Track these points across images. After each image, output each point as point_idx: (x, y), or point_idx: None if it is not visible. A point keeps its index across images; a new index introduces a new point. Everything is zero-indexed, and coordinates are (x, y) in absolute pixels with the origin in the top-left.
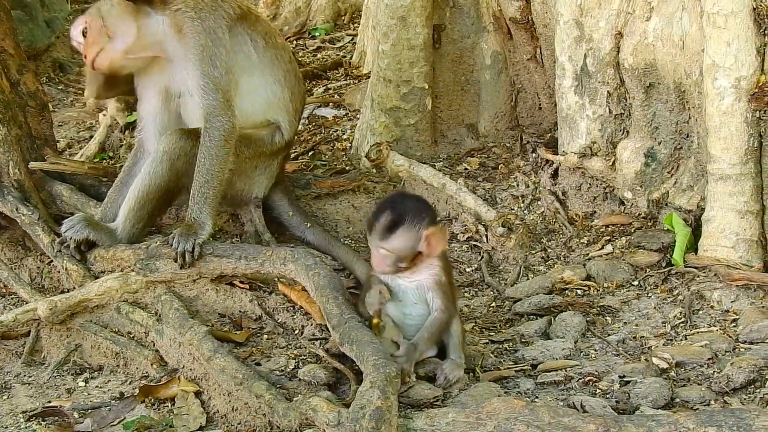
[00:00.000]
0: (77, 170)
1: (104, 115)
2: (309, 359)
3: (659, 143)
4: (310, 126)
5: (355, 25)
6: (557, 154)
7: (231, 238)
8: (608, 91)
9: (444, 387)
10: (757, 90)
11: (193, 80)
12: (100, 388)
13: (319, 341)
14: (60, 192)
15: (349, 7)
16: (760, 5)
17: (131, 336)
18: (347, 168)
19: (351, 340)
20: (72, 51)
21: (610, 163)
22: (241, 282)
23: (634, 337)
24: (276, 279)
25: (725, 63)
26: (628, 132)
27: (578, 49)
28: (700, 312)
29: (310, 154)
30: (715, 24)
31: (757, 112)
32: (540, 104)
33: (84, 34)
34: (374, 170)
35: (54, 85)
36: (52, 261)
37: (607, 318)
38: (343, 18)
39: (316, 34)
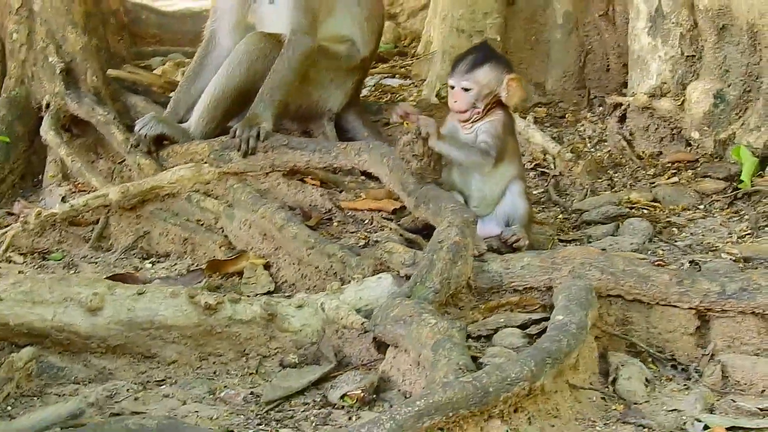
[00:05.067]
0: (153, 82)
1: None
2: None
3: (728, 85)
4: (376, 93)
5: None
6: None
7: None
8: (681, 33)
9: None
10: None
11: None
12: (167, 269)
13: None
14: (135, 103)
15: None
16: None
17: (200, 223)
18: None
19: (427, 199)
20: None
21: (679, 104)
22: (312, 179)
23: (701, 243)
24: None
25: None
26: (698, 74)
27: None
28: (767, 228)
29: None
30: None
31: None
32: (608, 65)
33: None
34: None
35: None
36: (123, 161)
37: (674, 229)
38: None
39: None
